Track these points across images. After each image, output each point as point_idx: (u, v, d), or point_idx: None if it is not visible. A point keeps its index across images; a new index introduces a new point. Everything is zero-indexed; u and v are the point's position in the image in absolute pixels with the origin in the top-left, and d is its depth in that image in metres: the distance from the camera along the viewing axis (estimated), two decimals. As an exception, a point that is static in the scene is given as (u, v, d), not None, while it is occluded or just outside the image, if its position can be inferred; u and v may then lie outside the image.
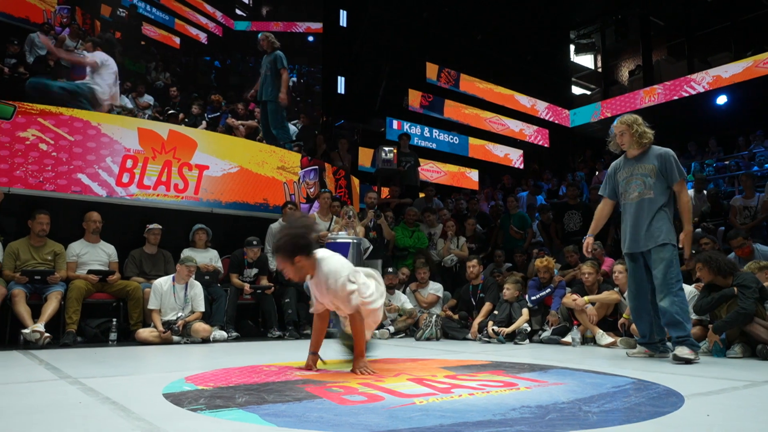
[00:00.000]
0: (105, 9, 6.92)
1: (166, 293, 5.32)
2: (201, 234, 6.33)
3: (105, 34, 6.98)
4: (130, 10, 7.09)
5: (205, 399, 2.29)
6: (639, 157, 4.14)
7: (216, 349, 4.81)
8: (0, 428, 1.81)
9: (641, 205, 4.03)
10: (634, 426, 1.85)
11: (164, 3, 7.47)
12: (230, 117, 7.93)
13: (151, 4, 7.32)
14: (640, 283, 4.13)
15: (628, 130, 4.10)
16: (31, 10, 6.37)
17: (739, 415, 2.08)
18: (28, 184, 6.27)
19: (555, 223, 8.05)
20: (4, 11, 6.12)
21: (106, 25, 6.94)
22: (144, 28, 7.29)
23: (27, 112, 6.40)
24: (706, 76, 13.24)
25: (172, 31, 7.56)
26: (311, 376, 2.96)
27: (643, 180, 4.06)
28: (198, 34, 7.88)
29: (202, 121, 7.59)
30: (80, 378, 2.91)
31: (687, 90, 13.46)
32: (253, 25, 8.53)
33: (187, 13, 7.73)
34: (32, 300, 5.03)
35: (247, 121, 8.07)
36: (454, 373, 3.14)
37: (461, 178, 14.45)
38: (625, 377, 3.01)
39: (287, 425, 1.84)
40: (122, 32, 7.06)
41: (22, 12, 6.31)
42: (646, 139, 4.09)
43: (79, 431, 1.79)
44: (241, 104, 7.99)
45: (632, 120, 4.13)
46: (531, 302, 5.89)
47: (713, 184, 9.69)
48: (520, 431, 1.76)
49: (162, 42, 7.43)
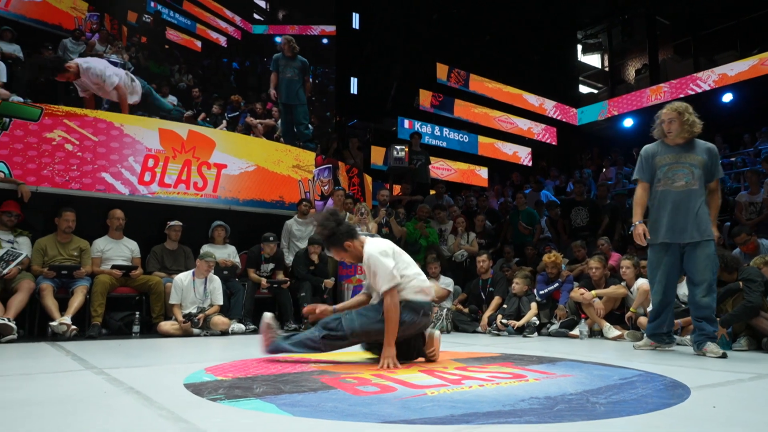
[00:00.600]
0: (131, 15, 7.12)
1: (186, 288, 5.36)
2: (220, 231, 6.37)
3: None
4: (154, 16, 7.28)
5: (224, 389, 2.30)
6: (685, 147, 3.88)
7: (234, 341, 4.85)
8: (30, 416, 1.84)
9: (688, 195, 3.77)
10: (641, 417, 1.84)
11: (186, 8, 7.65)
12: (249, 116, 8.07)
13: (174, 9, 7.50)
14: (671, 275, 3.88)
15: (678, 117, 3.84)
16: (63, 18, 6.57)
17: (745, 406, 2.06)
18: (54, 182, 6.34)
19: (562, 219, 8.00)
20: (39, 19, 6.33)
21: (132, 31, 7.13)
22: (168, 33, 7.47)
23: (53, 113, 6.47)
24: (712, 75, 13.07)
25: (194, 35, 7.73)
26: (326, 368, 2.97)
27: (691, 170, 3.81)
28: (218, 37, 8.04)
29: (223, 120, 7.74)
30: (105, 368, 2.94)
31: (693, 88, 13.29)
32: (270, 29, 8.65)
33: (207, 18, 7.89)
34: (59, 294, 5.09)
35: (264, 120, 8.18)
36: (464, 365, 3.13)
37: (471, 175, 14.39)
38: (632, 369, 2.98)
39: (303, 414, 1.84)
40: (147, 37, 7.24)
41: (55, 19, 6.51)
42: (696, 129, 3.86)
43: (105, 419, 1.80)
44: (259, 104, 8.14)
45: (683, 108, 3.87)
46: (539, 296, 5.87)
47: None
48: (528, 421, 1.75)
49: (184, 46, 7.61)
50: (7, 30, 6.09)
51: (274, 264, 6.39)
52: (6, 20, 6.14)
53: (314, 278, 6.34)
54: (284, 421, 1.77)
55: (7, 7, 6.15)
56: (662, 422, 1.78)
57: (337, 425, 1.71)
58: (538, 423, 1.73)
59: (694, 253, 3.73)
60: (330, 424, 1.72)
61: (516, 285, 5.95)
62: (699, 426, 1.72)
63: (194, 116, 7.56)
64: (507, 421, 1.76)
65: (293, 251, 6.83)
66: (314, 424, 1.73)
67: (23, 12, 6.28)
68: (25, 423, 1.74)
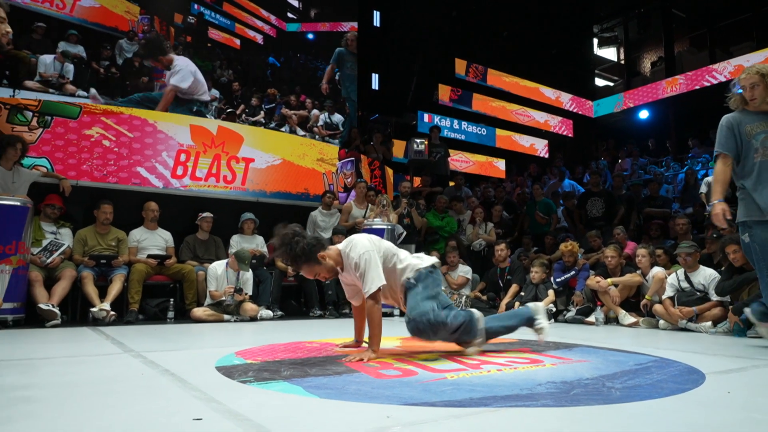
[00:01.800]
0: (177, 17, 7.50)
1: (220, 277, 5.42)
2: (249, 223, 6.42)
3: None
4: (198, 18, 7.66)
5: (253, 372, 2.33)
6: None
7: (263, 326, 4.89)
8: (75, 395, 1.88)
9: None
10: (657, 402, 1.81)
11: (226, 9, 8.00)
12: (284, 107, 8.35)
13: (215, 11, 7.86)
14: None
15: (761, 81, 3.25)
16: (119, 21, 7.01)
17: (760, 392, 2.02)
18: (93, 177, 6.47)
19: (578, 210, 7.90)
20: (98, 22, 6.79)
21: (178, 31, 7.51)
22: (210, 32, 7.82)
23: (91, 111, 6.59)
24: (728, 66, 12.72)
25: (233, 33, 8.07)
26: (350, 352, 2.98)
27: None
28: (255, 35, 8.32)
29: (260, 111, 8.05)
30: (142, 352, 2.99)
31: (708, 80, 12.96)
32: (303, 26, 8.89)
33: (245, 17, 8.20)
34: (99, 282, 5.18)
35: (298, 111, 8.46)
36: (483, 350, 3.12)
37: (489, 167, 14.29)
38: (648, 355, 2.94)
39: (328, 396, 1.86)
40: (192, 36, 7.62)
41: (112, 22, 6.94)
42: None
43: (143, 400, 1.84)
44: (293, 96, 8.46)
45: (766, 70, 3.28)
46: (556, 284, 5.82)
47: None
48: (545, 405, 1.74)
49: (225, 44, 7.96)
50: (72, 34, 6.54)
51: (300, 253, 6.41)
52: (71, 24, 6.56)
53: (338, 267, 6.36)
54: (311, 403, 1.78)
55: (72, 13, 6.59)
56: (677, 407, 1.75)
57: (361, 407, 1.72)
58: (555, 406, 1.72)
59: None
60: (354, 405, 1.73)
61: (534, 273, 5.90)
62: (714, 411, 1.69)
63: (234, 109, 7.91)
64: (524, 404, 1.75)
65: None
66: (339, 405, 1.74)
67: (85, 17, 6.71)
68: (70, 402, 1.79)
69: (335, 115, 8.92)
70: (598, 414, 1.64)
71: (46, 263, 4.95)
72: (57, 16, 6.50)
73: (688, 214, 7.24)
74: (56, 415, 1.61)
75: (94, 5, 6.78)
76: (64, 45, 6.45)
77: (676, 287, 4.84)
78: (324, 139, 8.70)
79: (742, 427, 1.49)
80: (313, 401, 1.80)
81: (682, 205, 8.39)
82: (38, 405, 1.75)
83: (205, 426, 1.49)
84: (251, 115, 7.93)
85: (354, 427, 1.49)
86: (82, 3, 6.68)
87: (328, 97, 8.93)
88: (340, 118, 8.99)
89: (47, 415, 1.62)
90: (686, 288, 4.79)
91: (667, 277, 4.98)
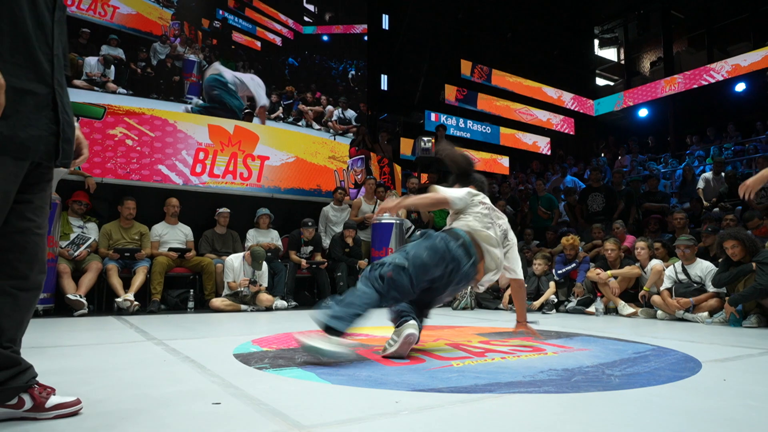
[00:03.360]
0: (204, 22, 7.87)
1: (237, 269, 5.45)
2: (265, 218, 6.44)
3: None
4: (222, 22, 8.04)
5: (269, 359, 2.34)
6: None
7: (278, 316, 4.92)
8: (102, 379, 1.91)
9: None
10: (655, 389, 1.81)
11: (248, 14, 8.34)
12: (301, 104, 8.62)
13: (237, 16, 8.22)
14: None
15: None
16: (153, 26, 7.42)
17: (755, 380, 2.00)
18: (117, 174, 6.53)
19: (579, 204, 7.85)
20: (135, 27, 7.23)
21: (205, 35, 7.87)
22: (233, 35, 8.16)
23: (115, 112, 6.65)
24: (726, 65, 12.55)
25: (255, 36, 8.40)
26: (360, 341, 3.00)
27: None
28: (274, 38, 8.62)
29: (279, 107, 8.37)
30: (164, 340, 3.02)
31: (706, 79, 12.79)
32: (318, 29, 9.17)
33: (265, 21, 8.54)
34: (123, 273, 5.23)
35: (314, 107, 8.74)
36: (487, 339, 3.13)
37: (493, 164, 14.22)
38: (646, 344, 2.93)
39: (340, 383, 1.87)
40: (218, 39, 7.98)
41: (147, 27, 7.36)
42: None
43: (165, 384, 1.86)
44: (309, 93, 8.77)
45: None
46: (558, 276, 5.79)
47: (731, 166, 9.24)
48: (547, 391, 1.74)
49: (247, 45, 8.29)
50: (113, 38, 6.94)
51: (313, 246, 6.45)
52: (112, 30, 6.97)
53: (349, 259, 6.39)
54: (323, 389, 1.79)
55: (112, 19, 7.01)
56: (674, 393, 1.74)
57: (372, 392, 1.72)
58: (557, 393, 1.72)
59: None
60: (365, 391, 1.74)
61: (537, 265, 5.88)
62: (710, 398, 1.68)
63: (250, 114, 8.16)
64: (527, 390, 1.75)
65: (330, 235, 6.89)
66: (351, 391, 1.75)
67: (123, 23, 7.11)
68: (97, 386, 1.81)
69: (348, 111, 9.16)
70: (597, 400, 1.64)
71: (73, 256, 5.00)
72: (99, 23, 6.90)
73: (686, 209, 7.18)
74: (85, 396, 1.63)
75: (131, 12, 7.19)
76: (106, 48, 6.88)
77: (673, 279, 4.81)
78: (338, 134, 8.90)
79: (737, 414, 1.49)
80: (326, 387, 1.81)
81: (680, 201, 8.32)
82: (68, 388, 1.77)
83: (224, 410, 1.51)
84: (271, 111, 8.20)
85: (365, 411, 1.50)
86: (121, 11, 7.10)
87: (342, 94, 9.16)
88: (353, 114, 9.23)
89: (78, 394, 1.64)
90: (683, 280, 4.76)
91: (665, 269, 4.94)
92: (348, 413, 1.48)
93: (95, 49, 6.78)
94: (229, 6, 8.07)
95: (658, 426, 1.39)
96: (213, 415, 1.46)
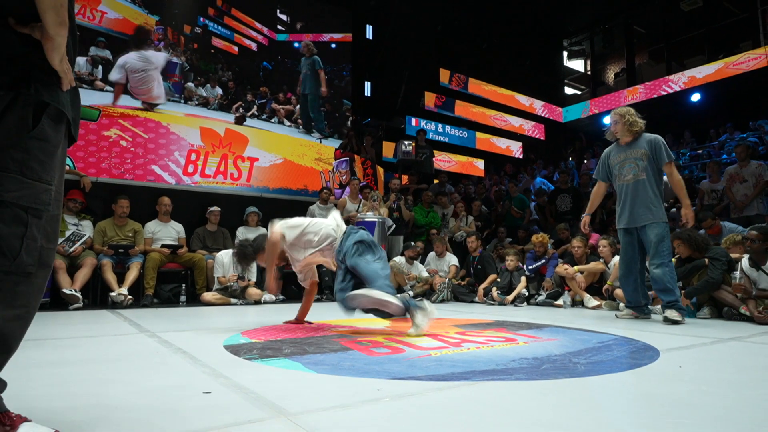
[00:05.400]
0: (186, 27, 7.95)
1: (226, 265, 5.40)
2: (253, 216, 6.40)
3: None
4: (203, 28, 8.20)
5: (257, 350, 2.33)
6: (631, 144, 3.94)
7: (266, 309, 4.89)
8: (97, 371, 1.88)
9: (636, 186, 3.83)
10: (617, 375, 1.84)
11: (227, 22, 8.53)
12: (274, 103, 8.86)
13: (217, 23, 8.40)
14: (632, 255, 3.94)
15: (620, 119, 3.94)
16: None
17: (707, 366, 2.05)
18: (111, 174, 6.42)
19: (549, 205, 7.94)
20: (122, 31, 7.28)
21: (187, 39, 7.97)
22: (213, 41, 8.30)
23: (109, 114, 6.54)
24: (683, 77, 12.81)
25: (232, 42, 8.59)
26: (344, 332, 2.99)
27: (636, 163, 3.85)
28: (250, 44, 8.82)
29: (254, 105, 8.57)
30: (157, 332, 2.98)
31: (665, 89, 13.04)
32: (290, 37, 9.41)
33: (242, 28, 8.73)
34: (117, 269, 5.16)
35: (285, 106, 8.99)
36: (463, 330, 3.14)
37: (469, 166, 14.29)
38: (609, 334, 2.98)
39: (325, 372, 1.86)
40: (198, 43, 8.09)
41: (132, 31, 7.41)
42: (637, 128, 3.89)
43: (158, 375, 1.84)
44: (281, 94, 9.05)
45: (625, 111, 3.96)
46: (528, 271, 5.85)
47: (687, 170, 9.43)
48: (518, 378, 1.76)
49: (225, 50, 8.45)
50: (101, 40, 7.03)
51: (300, 243, 6.40)
52: (100, 33, 7.04)
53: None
54: (309, 378, 1.78)
55: (100, 23, 7.10)
56: (635, 379, 1.77)
57: (355, 381, 1.72)
58: (527, 380, 1.74)
59: (645, 234, 3.78)
60: (348, 380, 1.74)
61: (510, 261, 5.93)
62: (667, 383, 1.72)
63: (233, 106, 8.30)
64: (500, 378, 1.76)
65: (316, 232, 6.84)
66: (335, 379, 1.75)
67: (111, 26, 7.18)
68: (93, 375, 1.78)
69: None
70: (565, 386, 1.66)
71: (69, 252, 4.91)
72: (88, 26, 6.97)
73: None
74: (81, 386, 1.60)
75: (118, 17, 7.25)
76: (94, 49, 6.96)
77: (634, 274, 4.88)
78: (321, 141, 8.98)
79: (692, 398, 1.52)
80: (312, 376, 1.81)
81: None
82: (65, 377, 1.74)
83: (214, 398, 1.49)
84: (245, 109, 8.41)
85: (348, 399, 1.50)
86: (108, 15, 7.18)
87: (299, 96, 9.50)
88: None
89: (74, 385, 1.62)
90: (644, 275, 4.84)
91: (627, 265, 5.02)
92: (332, 401, 1.48)
93: (84, 50, 6.82)
94: (209, 14, 8.27)
95: (620, 408, 1.41)
96: (204, 403, 1.44)
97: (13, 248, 1.07)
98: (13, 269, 1.07)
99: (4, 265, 1.06)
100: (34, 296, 1.14)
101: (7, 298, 1.07)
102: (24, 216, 1.09)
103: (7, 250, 1.06)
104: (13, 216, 1.07)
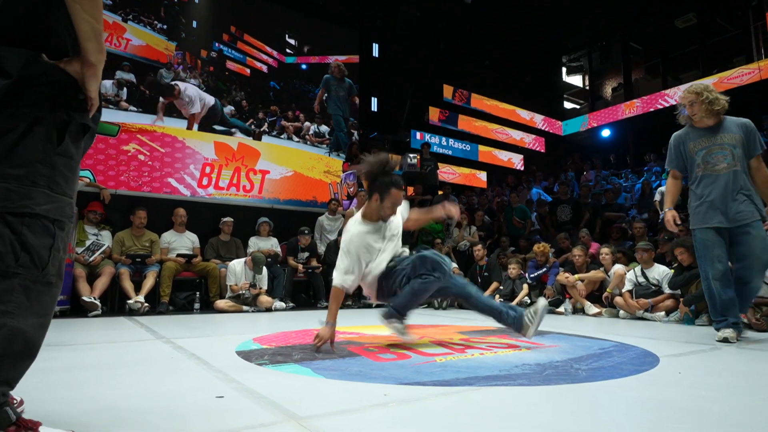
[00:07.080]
0: (203, 52, 8.45)
1: (239, 273, 5.41)
2: (265, 226, 6.41)
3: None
4: (218, 53, 8.68)
5: (268, 356, 2.32)
6: (716, 127, 3.09)
7: (277, 316, 4.88)
8: (115, 375, 1.88)
9: (732, 177, 2.97)
10: (618, 381, 1.82)
11: (239, 47, 8.97)
12: (283, 120, 9.22)
13: (231, 48, 8.86)
14: (726, 262, 2.98)
15: (697, 98, 3.08)
16: (160, 55, 7.99)
17: (706, 372, 2.02)
18: (130, 186, 6.48)
19: (550, 215, 7.91)
20: (144, 56, 7.74)
21: (204, 63, 8.43)
22: (227, 64, 8.74)
23: (128, 130, 6.62)
24: (678, 91, 12.76)
25: (245, 64, 9.00)
26: (352, 338, 2.98)
27: (731, 151, 3.01)
28: (261, 66, 9.21)
29: (264, 122, 8.95)
30: (172, 338, 2.99)
31: (661, 103, 13.02)
32: (298, 59, 9.85)
33: (254, 52, 9.15)
34: (134, 277, 5.17)
35: (294, 123, 9.34)
36: (467, 337, 3.12)
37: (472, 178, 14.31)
38: (610, 341, 2.95)
39: (333, 377, 1.86)
40: (214, 66, 8.55)
41: (155, 56, 7.90)
42: (719, 106, 3.04)
43: (172, 380, 1.84)
44: (290, 111, 9.43)
45: (702, 88, 3.10)
46: (530, 279, 5.82)
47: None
48: (521, 384, 1.74)
49: (238, 72, 8.87)
50: (126, 65, 7.48)
51: (309, 252, 6.42)
52: (125, 58, 7.53)
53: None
54: (318, 382, 1.78)
55: (125, 49, 7.60)
56: (635, 385, 1.75)
57: (362, 386, 1.71)
58: (530, 385, 1.73)
59: (747, 233, 2.93)
60: (356, 385, 1.73)
61: (512, 270, 5.90)
62: (666, 389, 1.69)
63: (250, 125, 8.71)
64: (503, 383, 1.75)
65: (324, 242, 6.86)
66: (343, 384, 1.74)
67: (135, 52, 7.70)
68: (111, 379, 1.79)
69: (322, 126, 9.85)
70: (567, 391, 1.65)
71: (88, 261, 4.94)
72: (114, 52, 7.46)
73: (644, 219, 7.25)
74: (100, 389, 1.61)
75: (141, 44, 7.79)
76: (119, 73, 7.42)
77: (634, 282, 4.85)
78: (314, 145, 9.53)
79: (691, 403, 1.50)
80: (321, 381, 1.80)
81: (639, 211, 8.40)
82: (85, 381, 1.74)
83: (227, 402, 1.49)
84: (257, 125, 8.82)
85: (356, 403, 1.49)
86: (133, 42, 7.70)
87: (317, 112, 9.87)
88: (327, 129, 9.89)
89: (91, 389, 1.62)
90: (643, 282, 4.80)
91: (626, 273, 4.99)
92: (341, 405, 1.47)
93: (110, 74, 7.16)
94: (224, 39, 8.74)
95: (621, 414, 1.40)
96: (216, 407, 1.44)
97: (42, 259, 1.09)
98: (40, 279, 1.09)
99: (34, 275, 1.08)
100: (53, 305, 1.16)
101: (34, 307, 1.09)
102: (52, 228, 1.11)
103: (38, 260, 1.08)
104: (42, 228, 1.09)
